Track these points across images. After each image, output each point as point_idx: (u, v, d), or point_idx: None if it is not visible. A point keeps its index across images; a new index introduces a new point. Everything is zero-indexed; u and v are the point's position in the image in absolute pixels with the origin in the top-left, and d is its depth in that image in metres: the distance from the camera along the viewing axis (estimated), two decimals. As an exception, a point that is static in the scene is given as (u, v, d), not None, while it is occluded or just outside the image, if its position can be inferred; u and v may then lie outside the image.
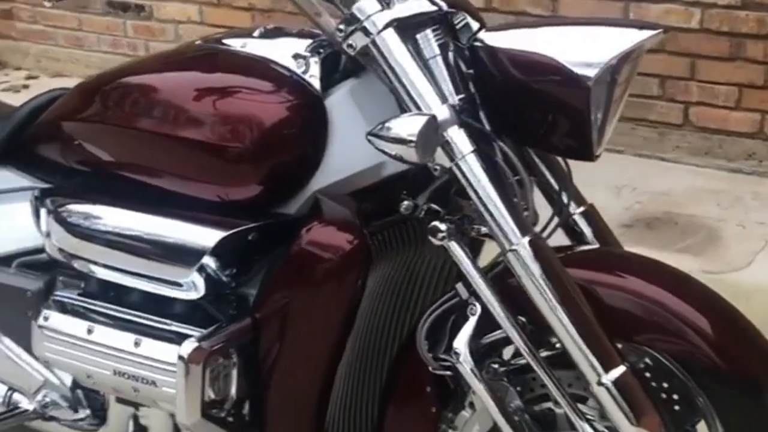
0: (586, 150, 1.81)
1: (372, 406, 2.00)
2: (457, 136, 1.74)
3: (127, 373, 1.90)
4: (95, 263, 2.00)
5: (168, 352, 1.85)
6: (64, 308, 2.02)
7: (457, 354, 1.78)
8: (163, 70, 2.02)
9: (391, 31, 1.76)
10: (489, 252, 1.87)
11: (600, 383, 1.69)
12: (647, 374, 1.77)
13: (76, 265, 2.03)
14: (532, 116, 1.81)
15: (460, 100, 1.81)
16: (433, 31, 1.83)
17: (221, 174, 1.90)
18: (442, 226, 1.78)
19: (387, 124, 1.69)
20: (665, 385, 1.77)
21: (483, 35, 1.84)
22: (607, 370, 1.70)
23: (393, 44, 1.76)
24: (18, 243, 2.15)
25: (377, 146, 1.70)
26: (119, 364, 1.92)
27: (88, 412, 2.07)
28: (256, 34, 1.97)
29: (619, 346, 1.75)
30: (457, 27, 1.85)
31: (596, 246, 1.95)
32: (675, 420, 1.77)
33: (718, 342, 1.72)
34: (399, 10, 1.79)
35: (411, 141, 1.66)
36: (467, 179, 1.74)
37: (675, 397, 1.78)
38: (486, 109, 1.84)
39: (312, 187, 1.89)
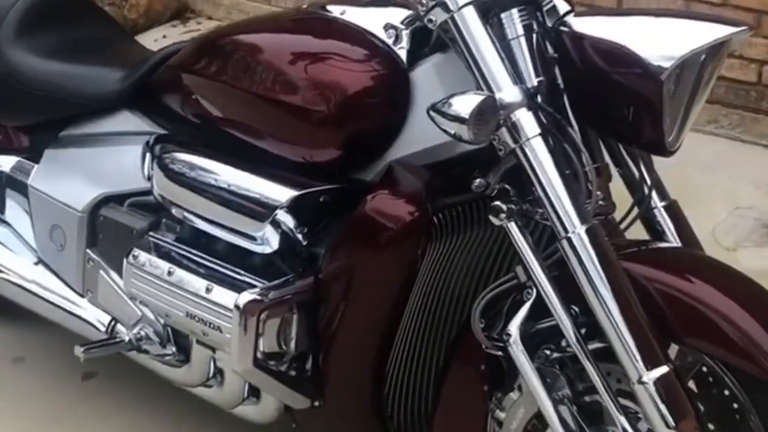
0: (660, 144, 1.79)
1: (431, 375, 2.02)
2: (524, 118, 1.74)
3: (198, 316, 2.00)
4: (186, 210, 2.10)
5: (233, 300, 1.92)
6: (152, 248, 2.13)
7: (508, 335, 1.79)
8: (266, 32, 2.09)
9: (470, 8, 1.77)
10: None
11: (640, 381, 1.67)
12: (699, 382, 1.75)
13: (172, 210, 2.13)
14: (610, 106, 1.80)
15: (539, 83, 1.80)
16: (519, 11, 1.83)
17: (305, 136, 1.96)
18: (504, 206, 1.78)
19: (449, 101, 1.70)
20: (716, 395, 1.74)
21: (570, 19, 1.83)
22: (649, 368, 1.67)
23: (471, 22, 1.77)
24: (131, 183, 2.27)
25: (436, 122, 1.71)
26: (191, 306, 2.02)
27: (174, 349, 2.18)
28: (357, 2, 2.01)
29: (675, 348, 1.73)
30: (545, 9, 1.83)
31: (671, 244, 1.90)
32: None
33: None
34: None
35: (464, 119, 1.67)
36: (529, 162, 1.74)
37: (725, 411, 1.74)
38: (570, 95, 1.83)
39: (389, 156, 1.92)
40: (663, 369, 1.67)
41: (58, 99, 2.41)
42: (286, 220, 1.94)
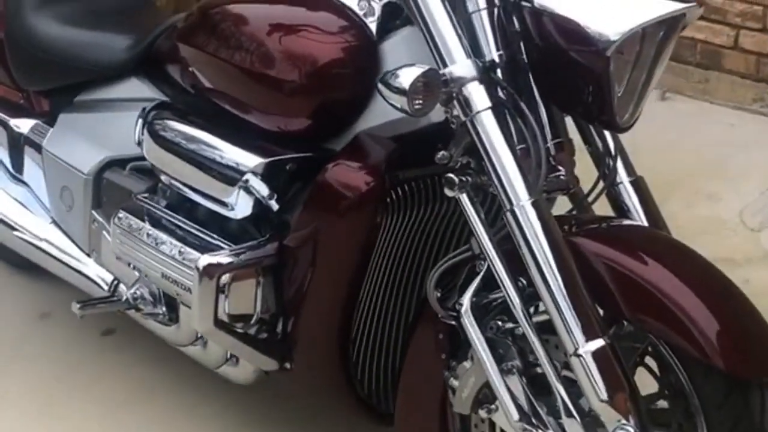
0: (611, 120, 1.79)
1: (396, 340, 2.07)
2: (475, 92, 1.76)
3: (171, 277, 2.07)
4: (169, 175, 2.17)
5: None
6: (136, 211, 2.21)
7: (460, 305, 1.83)
8: (247, 2, 2.13)
9: None
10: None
11: (576, 353, 1.68)
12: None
13: (160, 175, 2.21)
14: (565, 82, 1.80)
15: (498, 57, 1.82)
16: None
17: (277, 105, 2.02)
18: (456, 178, 1.81)
19: (395, 72, 1.73)
20: (665, 374, 1.75)
21: None
22: (586, 341, 1.68)
23: None
24: (133, 148, 2.35)
25: (382, 94, 1.74)
26: (166, 267, 2.09)
27: (164, 309, 2.25)
28: None
29: (624, 325, 1.74)
30: None
31: (628, 222, 1.91)
32: (660, 413, 1.75)
33: (721, 342, 1.66)
34: None
35: (404, 91, 1.70)
36: (478, 135, 1.76)
37: (675, 390, 1.75)
38: (533, 70, 1.84)
39: (357, 127, 1.96)
40: (599, 342, 1.68)
41: (72, 65, 2.50)
42: (255, 186, 1.99)
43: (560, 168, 1.87)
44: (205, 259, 1.93)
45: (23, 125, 2.67)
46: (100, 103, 2.50)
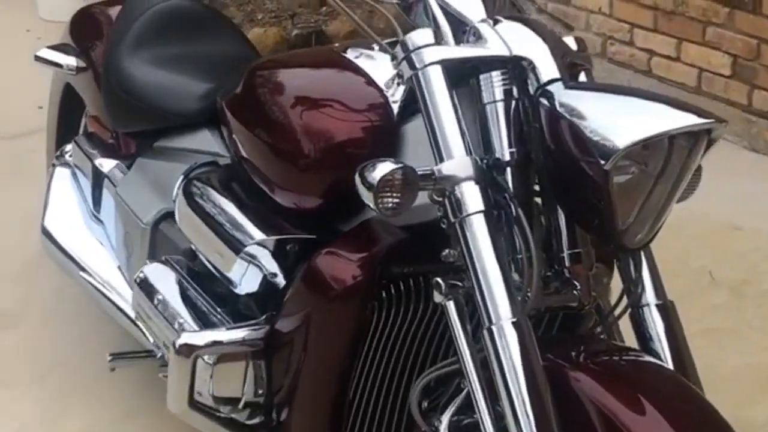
0: (615, 238, 1.59)
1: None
2: (468, 193, 1.61)
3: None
4: (189, 240, 2.11)
5: None
6: (159, 272, 2.15)
7: (439, 422, 1.68)
8: (286, 70, 2.05)
9: (436, 68, 1.65)
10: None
11: None
12: None
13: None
14: (573, 191, 1.62)
15: (510, 155, 1.66)
16: (502, 74, 1.68)
17: (292, 180, 1.93)
18: (443, 283, 1.66)
19: (372, 164, 1.60)
20: None
21: (554, 89, 1.65)
22: None
23: (434, 83, 1.66)
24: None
25: (357, 187, 1.61)
26: (165, 338, 2.04)
27: None
28: (376, 47, 1.93)
29: None
30: (529, 75, 1.68)
31: (636, 355, 1.68)
32: None
33: None
34: (455, 51, 1.68)
35: (371, 185, 1.56)
36: (465, 240, 1.60)
37: None
38: (549, 173, 1.67)
39: (369, 211, 1.83)
40: None
41: (154, 109, 2.47)
42: (258, 261, 1.91)
43: (575, 282, 1.69)
44: (182, 338, 1.85)
45: (106, 165, 2.67)
46: (173, 152, 2.47)
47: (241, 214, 1.99)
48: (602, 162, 1.52)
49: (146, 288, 2.13)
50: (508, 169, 1.67)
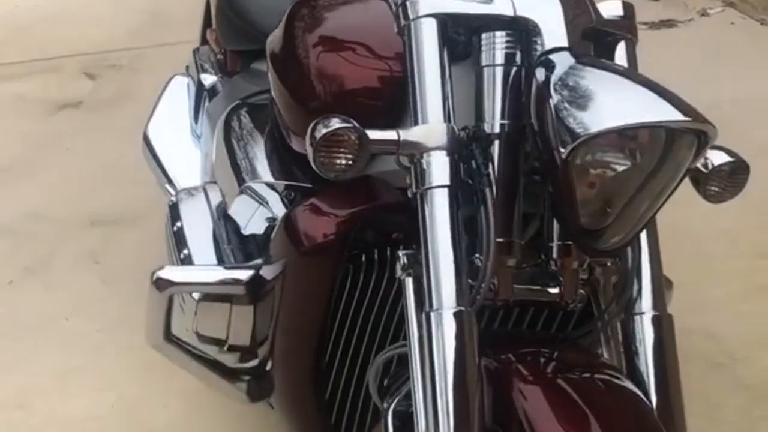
0: (579, 237, 1.41)
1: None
2: (435, 163, 1.46)
3: None
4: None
5: None
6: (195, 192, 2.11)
7: (389, 404, 1.56)
8: (319, 14, 1.90)
9: (430, 22, 1.50)
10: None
11: None
12: None
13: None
14: (549, 178, 1.44)
15: (501, 126, 1.49)
16: (507, 35, 1.51)
17: (301, 124, 1.80)
18: (404, 258, 1.53)
19: (327, 117, 1.46)
20: None
21: (558, 59, 1.46)
22: None
23: (424, 37, 1.50)
24: None
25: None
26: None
27: None
28: None
29: None
30: (536, 41, 1.49)
31: (607, 375, 1.47)
32: None
33: None
34: (452, 4, 1.51)
35: (311, 141, 1.43)
36: (423, 214, 1.46)
37: None
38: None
39: (375, 166, 1.70)
40: None
41: (255, 30, 2.41)
42: (257, 202, 1.84)
43: (560, 276, 1.52)
44: (160, 271, 1.79)
45: (209, 80, 2.65)
46: (262, 75, 2.41)
47: (258, 153, 1.92)
48: (561, 150, 1.34)
49: (173, 212, 2.10)
50: (496, 143, 1.50)
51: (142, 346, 1.87)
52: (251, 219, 1.86)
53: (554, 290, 1.53)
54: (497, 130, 1.50)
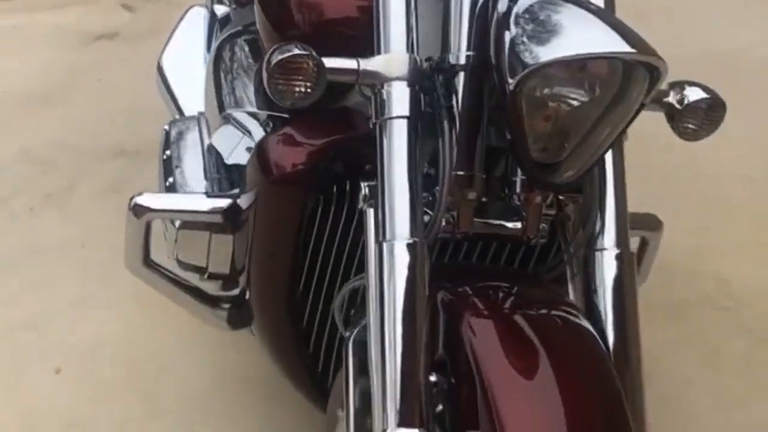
0: (530, 172, 1.40)
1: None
2: (397, 94, 1.46)
3: None
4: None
5: None
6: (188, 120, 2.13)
7: (350, 333, 1.58)
8: None
9: None
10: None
11: None
12: None
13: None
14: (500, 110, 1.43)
15: (467, 58, 1.48)
16: None
17: None
18: (365, 189, 1.53)
19: (287, 44, 1.46)
20: None
21: None
22: (400, 425, 1.36)
23: None
24: None
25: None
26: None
27: None
28: None
29: None
30: None
31: (563, 312, 1.45)
32: None
33: None
34: None
35: (266, 67, 1.43)
36: (381, 144, 1.46)
37: None
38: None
39: (353, 98, 1.70)
40: None
41: None
42: (238, 131, 1.84)
43: (523, 211, 1.52)
44: (137, 198, 1.80)
45: (221, 10, 2.65)
46: None
47: (243, 83, 1.92)
48: (510, 81, 1.32)
49: (167, 141, 2.11)
50: (461, 75, 1.49)
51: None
52: (235, 149, 1.87)
53: (517, 225, 1.53)
54: (462, 61, 1.48)
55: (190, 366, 2.41)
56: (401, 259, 1.40)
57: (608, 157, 1.54)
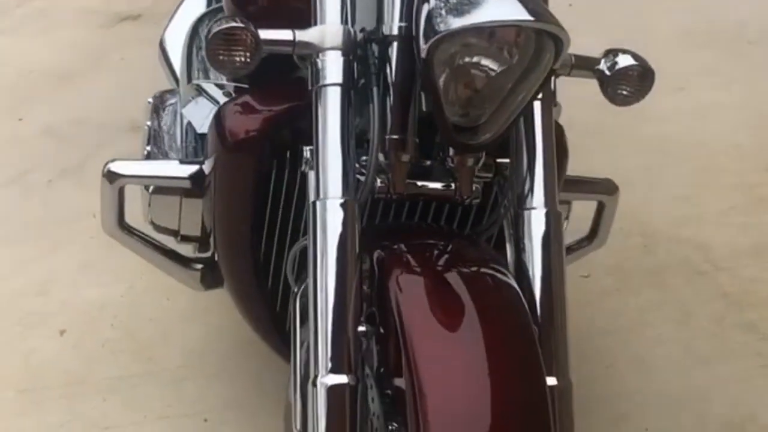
0: (448, 134, 1.49)
1: None
2: (331, 63, 1.56)
3: None
4: None
5: None
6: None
7: (296, 288, 1.69)
8: None
9: None
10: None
11: (313, 381, 1.48)
12: None
13: None
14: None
15: (399, 29, 1.58)
16: None
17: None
18: (307, 153, 1.63)
19: (219, 20, 1.57)
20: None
21: None
22: (330, 372, 1.47)
23: None
24: None
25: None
26: None
27: None
28: None
29: None
30: None
31: (490, 269, 1.53)
32: None
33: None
34: None
35: (206, 37, 1.54)
36: (315, 110, 1.56)
37: None
38: None
39: None
40: (341, 379, 1.46)
41: None
42: (209, 103, 1.94)
43: (456, 173, 1.61)
44: (109, 164, 1.92)
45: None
46: None
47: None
48: (423, 47, 1.42)
49: (153, 111, 2.23)
50: (394, 45, 1.58)
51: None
52: (207, 118, 1.97)
53: (450, 186, 1.62)
54: (395, 32, 1.57)
55: (186, 329, 2.55)
56: (333, 216, 1.50)
57: (538, 122, 1.63)
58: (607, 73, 1.67)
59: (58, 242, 2.85)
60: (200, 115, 2.00)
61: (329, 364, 1.46)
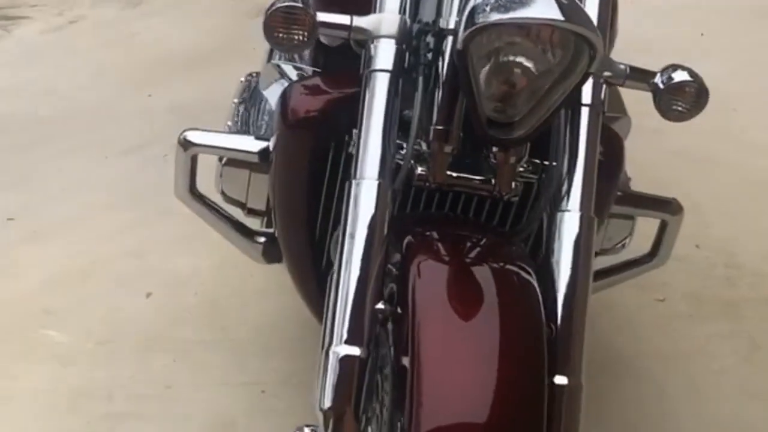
0: (479, 128, 1.54)
1: None
2: (383, 50, 1.63)
3: None
4: None
5: None
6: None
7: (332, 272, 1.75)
8: None
9: None
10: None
11: (327, 349, 1.54)
12: None
13: None
14: None
15: (456, 23, 1.62)
16: None
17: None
18: (355, 136, 1.69)
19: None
20: None
21: None
22: (345, 342, 1.52)
23: None
24: None
25: None
26: None
27: None
28: None
29: None
30: None
31: (517, 269, 1.55)
32: None
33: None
34: None
35: (265, 14, 1.62)
36: (364, 94, 1.63)
37: None
38: None
39: None
40: (354, 350, 1.51)
41: None
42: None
43: (497, 169, 1.65)
44: (186, 133, 2.01)
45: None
46: None
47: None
48: (460, 37, 1.46)
49: (243, 89, 2.34)
50: (449, 39, 1.63)
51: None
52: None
53: (490, 181, 1.66)
54: (451, 26, 1.63)
55: (261, 304, 2.64)
56: (366, 197, 1.56)
57: (583, 127, 1.65)
58: (661, 86, 1.68)
59: (162, 213, 2.98)
60: (276, 94, 2.08)
61: (344, 335, 1.52)
